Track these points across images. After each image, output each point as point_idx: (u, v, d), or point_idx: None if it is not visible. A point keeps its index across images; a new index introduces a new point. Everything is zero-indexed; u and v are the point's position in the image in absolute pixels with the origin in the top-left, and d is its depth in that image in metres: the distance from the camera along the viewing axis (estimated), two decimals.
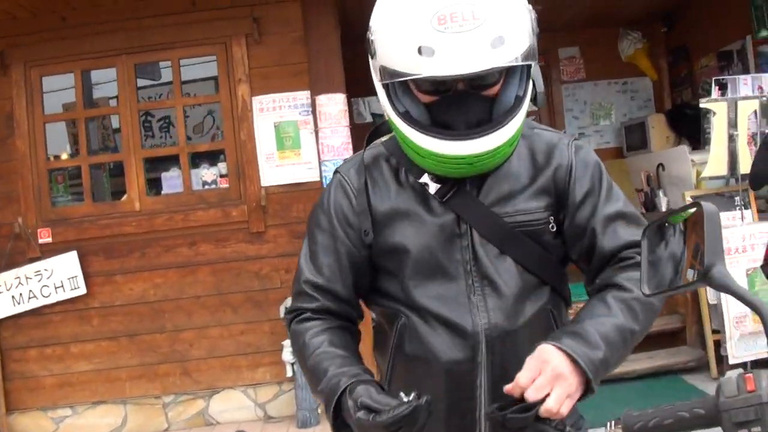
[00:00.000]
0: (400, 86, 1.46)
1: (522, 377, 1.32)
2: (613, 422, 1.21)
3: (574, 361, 1.34)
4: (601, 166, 1.62)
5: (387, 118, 1.53)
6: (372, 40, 1.47)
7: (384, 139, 1.67)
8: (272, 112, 5.26)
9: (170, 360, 5.25)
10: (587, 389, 1.37)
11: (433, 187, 1.55)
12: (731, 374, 1.08)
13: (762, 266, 3.81)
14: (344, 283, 1.61)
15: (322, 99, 5.09)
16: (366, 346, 1.66)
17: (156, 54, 5.39)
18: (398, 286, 1.58)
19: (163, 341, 5.26)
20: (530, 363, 1.35)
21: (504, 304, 1.52)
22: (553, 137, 1.62)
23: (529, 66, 1.46)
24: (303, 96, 5.22)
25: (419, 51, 1.35)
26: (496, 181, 1.56)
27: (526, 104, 1.47)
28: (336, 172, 1.68)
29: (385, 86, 1.47)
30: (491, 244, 1.53)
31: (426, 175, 1.54)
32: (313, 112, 5.15)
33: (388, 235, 1.57)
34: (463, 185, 1.54)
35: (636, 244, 1.48)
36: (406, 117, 1.45)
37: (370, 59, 1.50)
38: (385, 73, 1.44)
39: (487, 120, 1.43)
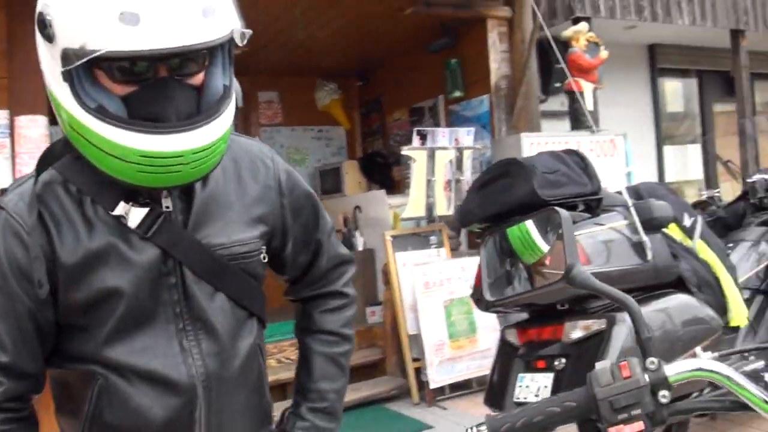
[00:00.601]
0: (87, 78, 1.17)
1: None
2: (474, 427, 1.22)
3: None
4: (302, 179, 1.58)
5: (66, 127, 1.24)
6: (48, 20, 1.16)
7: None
8: None
9: None
10: None
11: (132, 221, 1.28)
12: (602, 365, 1.16)
13: (471, 295, 4.15)
14: (31, 354, 1.28)
15: (22, 120, 4.57)
16: None
17: None
18: (92, 344, 1.30)
19: None
20: None
21: (219, 347, 1.37)
22: (251, 146, 1.49)
23: (231, 53, 1.29)
24: (1, 116, 4.63)
25: (120, 18, 1.09)
26: (207, 208, 1.37)
27: (234, 95, 1.31)
28: None
29: (69, 79, 1.16)
30: (203, 281, 1.35)
31: (121, 206, 1.27)
32: (12, 134, 4.60)
33: (84, 288, 1.27)
34: (168, 215, 1.31)
35: (347, 259, 1.64)
36: (101, 113, 1.16)
37: (43, 47, 1.22)
38: (73, 56, 1.13)
39: (197, 112, 1.22)
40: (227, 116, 1.26)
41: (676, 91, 9.35)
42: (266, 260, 1.49)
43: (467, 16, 6.28)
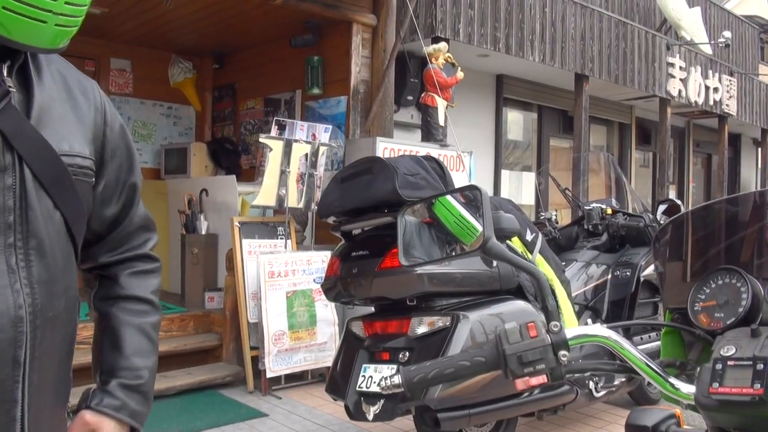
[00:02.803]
0: None
1: None
2: (388, 378, 1.30)
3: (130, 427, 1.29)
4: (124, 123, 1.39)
5: None
6: None
7: None
8: None
9: None
10: None
11: None
12: (511, 325, 1.27)
13: (322, 285, 4.23)
14: None
15: None
16: None
17: None
18: None
19: None
20: None
21: (49, 276, 1.14)
22: (72, 66, 1.30)
23: None
24: None
25: None
26: (46, 108, 1.16)
27: None
28: None
29: None
30: (45, 191, 1.13)
31: None
32: None
33: None
34: (9, 101, 1.10)
35: (153, 224, 1.45)
36: None
37: None
38: None
39: None
40: None
41: (517, 122, 9.96)
42: (94, 188, 1.27)
43: (334, 17, 6.38)
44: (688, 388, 1.25)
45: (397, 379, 1.28)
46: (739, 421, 1.13)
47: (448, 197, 1.49)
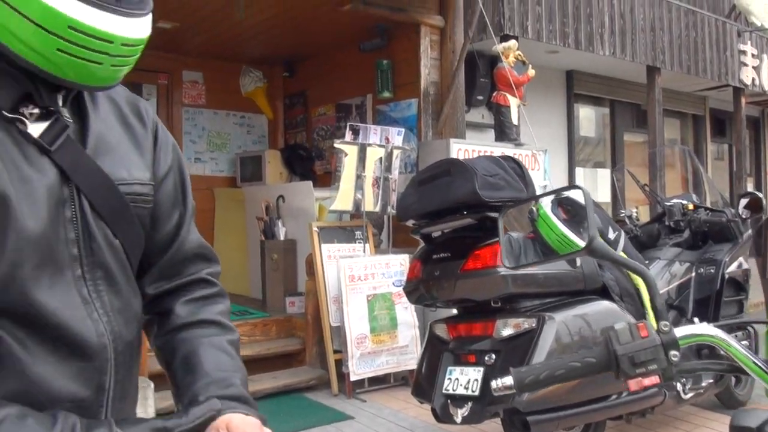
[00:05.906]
0: None
1: None
2: (500, 379, 1.32)
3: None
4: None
5: None
6: None
7: None
8: None
9: None
10: None
11: (34, 129, 1.05)
12: (618, 326, 1.28)
13: (404, 288, 4.27)
14: None
15: None
16: None
17: None
18: None
19: None
20: None
21: (121, 303, 1.15)
22: (125, 90, 1.26)
23: None
24: None
25: None
26: (102, 136, 1.15)
27: None
28: None
29: None
30: (103, 221, 1.12)
31: (18, 107, 1.03)
32: None
33: None
34: (68, 136, 1.08)
35: (213, 255, 1.37)
36: None
37: None
38: None
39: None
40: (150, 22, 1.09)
41: (589, 117, 9.83)
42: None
43: (402, 20, 6.41)
44: None
45: (509, 381, 1.30)
46: None
47: (546, 210, 1.50)
